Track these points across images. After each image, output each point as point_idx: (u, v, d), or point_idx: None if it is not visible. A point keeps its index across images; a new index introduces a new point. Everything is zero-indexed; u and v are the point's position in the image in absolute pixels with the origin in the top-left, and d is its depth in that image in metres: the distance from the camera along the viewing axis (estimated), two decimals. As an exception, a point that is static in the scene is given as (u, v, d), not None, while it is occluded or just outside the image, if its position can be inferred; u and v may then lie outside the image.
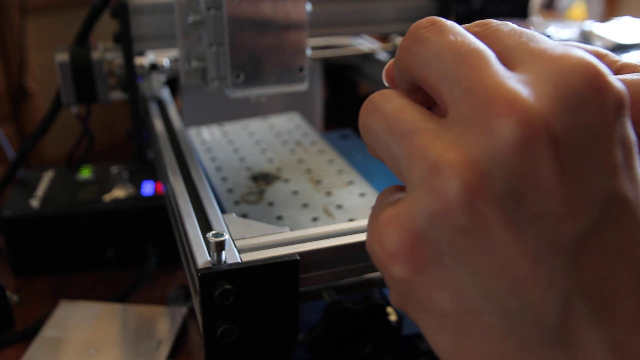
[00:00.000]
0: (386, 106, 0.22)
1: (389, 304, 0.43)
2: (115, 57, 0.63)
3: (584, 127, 0.19)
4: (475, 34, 0.22)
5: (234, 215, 0.40)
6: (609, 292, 0.19)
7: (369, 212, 0.49)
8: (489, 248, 0.19)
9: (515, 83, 0.19)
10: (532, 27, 1.01)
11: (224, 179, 0.56)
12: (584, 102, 0.19)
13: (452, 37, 0.21)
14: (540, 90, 0.19)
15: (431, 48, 0.21)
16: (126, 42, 0.59)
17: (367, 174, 0.56)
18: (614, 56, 0.27)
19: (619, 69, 0.27)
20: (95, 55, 0.62)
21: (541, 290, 0.19)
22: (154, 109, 0.63)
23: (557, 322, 0.19)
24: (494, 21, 0.23)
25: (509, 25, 0.22)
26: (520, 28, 0.22)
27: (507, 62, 0.21)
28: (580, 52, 0.20)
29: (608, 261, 0.19)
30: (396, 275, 0.21)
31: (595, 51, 0.27)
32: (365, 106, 0.23)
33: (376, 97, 0.23)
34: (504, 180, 0.18)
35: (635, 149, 0.20)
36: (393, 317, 0.42)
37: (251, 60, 0.48)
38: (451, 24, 0.22)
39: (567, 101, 0.19)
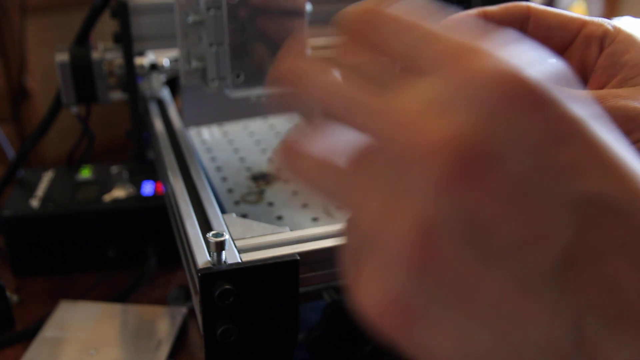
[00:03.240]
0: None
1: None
2: (115, 57, 0.63)
3: (516, 141, 0.17)
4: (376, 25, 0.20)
5: (234, 215, 0.40)
6: (621, 300, 0.18)
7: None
8: (473, 294, 0.18)
9: (429, 114, 0.17)
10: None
11: (224, 179, 0.56)
12: (506, 115, 0.17)
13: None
14: (457, 117, 0.17)
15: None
16: (126, 42, 0.59)
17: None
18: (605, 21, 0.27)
19: (602, 35, 0.28)
20: (95, 55, 0.62)
21: (546, 319, 0.18)
22: (154, 109, 0.63)
23: (575, 346, 0.18)
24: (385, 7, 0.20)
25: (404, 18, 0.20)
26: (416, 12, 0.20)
27: (413, 65, 0.19)
28: (489, 61, 0.18)
29: (611, 267, 0.17)
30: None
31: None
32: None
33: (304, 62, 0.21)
34: (455, 227, 0.17)
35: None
36: (393, 317, 0.42)
37: (251, 60, 0.48)
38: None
39: (489, 123, 0.17)
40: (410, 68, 0.19)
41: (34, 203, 0.58)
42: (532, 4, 0.30)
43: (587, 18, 0.30)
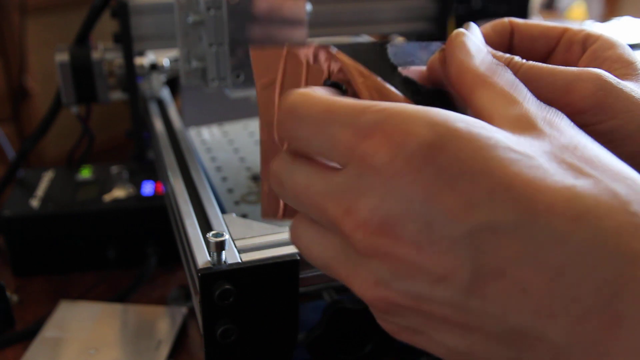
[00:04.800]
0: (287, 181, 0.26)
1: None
2: (115, 57, 0.63)
3: (409, 206, 0.21)
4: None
5: (234, 215, 0.40)
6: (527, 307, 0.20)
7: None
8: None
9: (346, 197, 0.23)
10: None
11: (224, 179, 0.56)
12: (404, 187, 0.21)
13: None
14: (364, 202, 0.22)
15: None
16: (126, 42, 0.59)
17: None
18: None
19: (584, 38, 0.31)
20: (95, 55, 0.62)
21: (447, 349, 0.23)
22: (154, 109, 0.63)
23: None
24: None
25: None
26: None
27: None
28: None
29: (513, 278, 0.20)
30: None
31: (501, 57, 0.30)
32: (272, 178, 0.27)
33: (276, 167, 0.27)
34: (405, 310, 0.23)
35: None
36: (393, 317, 0.42)
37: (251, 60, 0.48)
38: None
39: (389, 199, 0.21)
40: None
41: (34, 203, 0.58)
42: (513, 19, 0.33)
43: (567, 25, 0.33)
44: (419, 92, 0.32)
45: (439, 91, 0.32)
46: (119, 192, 0.59)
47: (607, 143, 0.27)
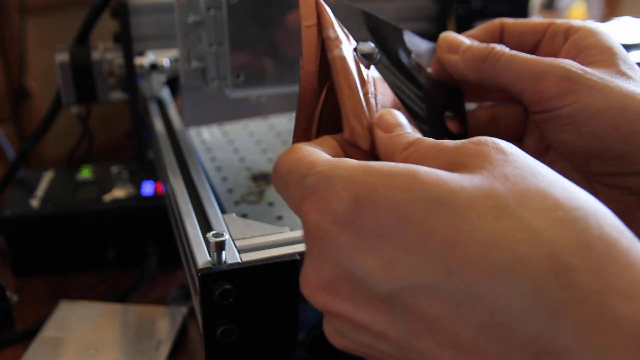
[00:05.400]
0: None
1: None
2: (115, 57, 0.63)
3: (342, 271, 0.23)
4: None
5: (234, 215, 0.40)
6: None
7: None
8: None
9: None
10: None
11: (224, 179, 0.56)
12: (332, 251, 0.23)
13: None
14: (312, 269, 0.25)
15: None
16: (126, 42, 0.59)
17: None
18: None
19: (567, 29, 0.33)
20: (95, 55, 0.62)
21: None
22: (154, 109, 0.63)
23: None
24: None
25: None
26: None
27: None
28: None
29: (422, 345, 0.21)
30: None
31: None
32: None
33: None
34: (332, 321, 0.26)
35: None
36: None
37: (251, 60, 0.48)
38: None
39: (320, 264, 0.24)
40: None
41: (34, 203, 0.58)
42: (504, 19, 0.36)
43: (553, 20, 0.35)
44: (428, 78, 0.36)
45: (442, 82, 0.36)
46: (119, 192, 0.59)
47: (569, 124, 0.29)
